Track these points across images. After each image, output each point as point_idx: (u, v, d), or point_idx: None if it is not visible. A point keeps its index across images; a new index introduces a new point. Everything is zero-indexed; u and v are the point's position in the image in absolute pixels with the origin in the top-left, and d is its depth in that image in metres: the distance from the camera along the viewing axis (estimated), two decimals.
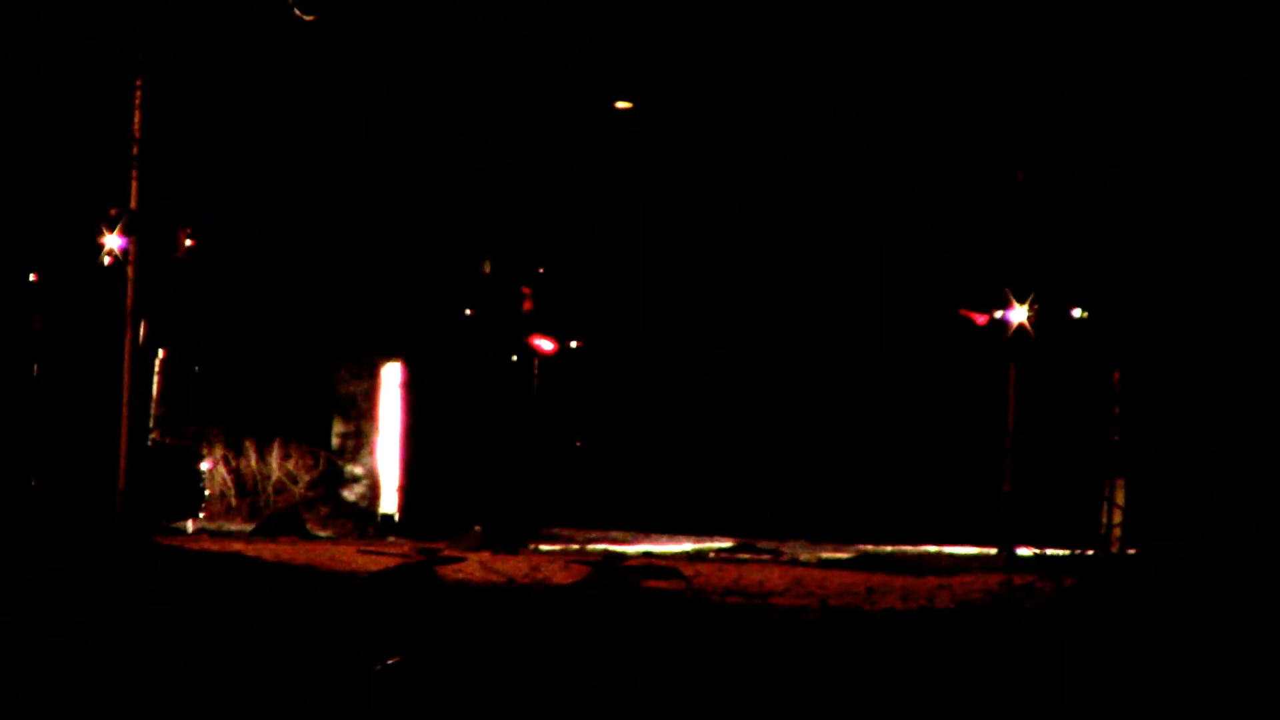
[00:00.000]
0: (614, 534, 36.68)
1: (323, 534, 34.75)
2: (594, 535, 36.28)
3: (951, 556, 33.16)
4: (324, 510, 36.62)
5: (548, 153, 37.24)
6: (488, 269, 36.82)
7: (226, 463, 36.79)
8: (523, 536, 33.17)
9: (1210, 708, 13.22)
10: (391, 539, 34.07)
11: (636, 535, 36.61)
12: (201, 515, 34.39)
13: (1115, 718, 13.08)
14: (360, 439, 37.04)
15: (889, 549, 34.50)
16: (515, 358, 36.93)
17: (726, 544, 34.32)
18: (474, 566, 24.12)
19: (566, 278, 38.16)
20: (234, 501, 36.83)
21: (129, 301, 29.84)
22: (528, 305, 36.92)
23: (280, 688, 13.14)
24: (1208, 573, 17.02)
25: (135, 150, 28.89)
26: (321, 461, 37.02)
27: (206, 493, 35.13)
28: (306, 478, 36.91)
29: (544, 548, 32.41)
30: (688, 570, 24.83)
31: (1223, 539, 18.61)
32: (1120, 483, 27.56)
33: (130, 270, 29.78)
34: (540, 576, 23.64)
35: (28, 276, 32.16)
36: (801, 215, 38.81)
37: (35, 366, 31.64)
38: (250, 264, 36.09)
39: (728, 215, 39.14)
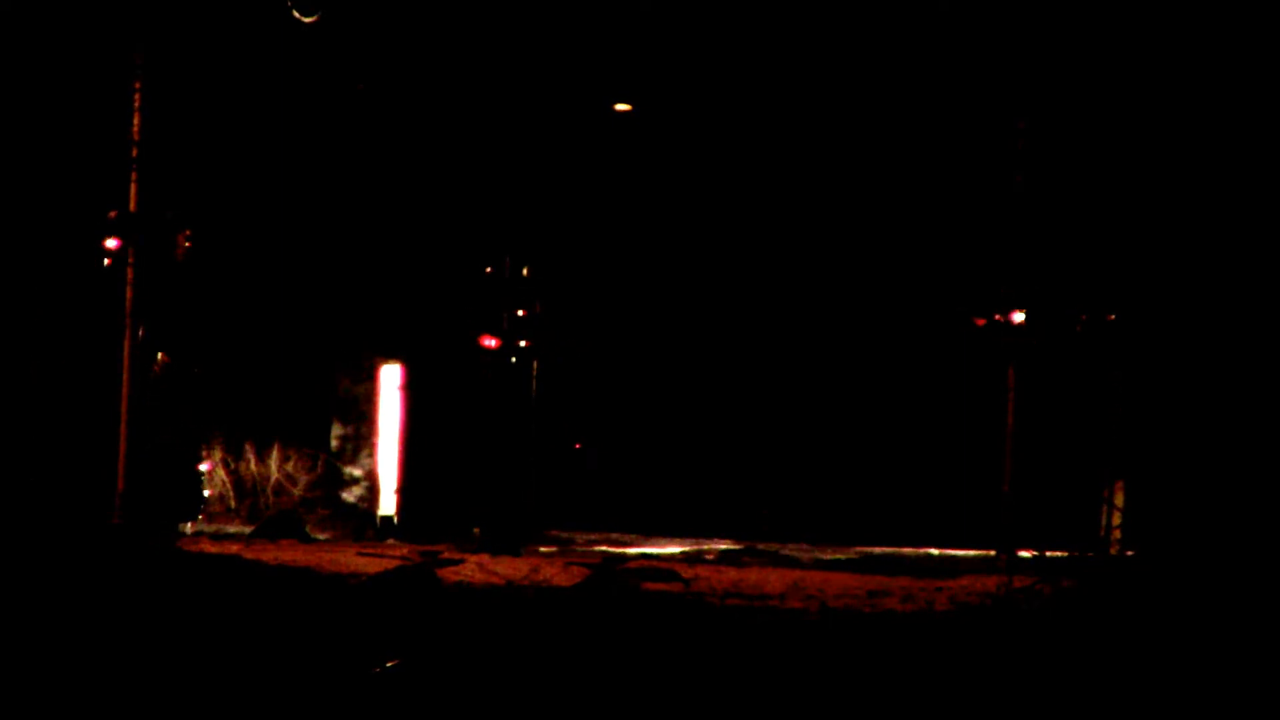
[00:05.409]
0: (613, 535, 36.66)
1: (322, 536, 34.70)
2: (594, 537, 36.25)
3: (951, 558, 33.15)
4: (323, 512, 36.56)
5: (548, 153, 37.23)
6: (488, 270, 36.80)
7: (225, 465, 36.75)
8: (522, 538, 33.14)
9: (1209, 707, 13.21)
10: (391, 541, 34.03)
11: (636, 537, 36.59)
12: (200, 517, 34.36)
13: (1115, 718, 13.07)
14: (359, 441, 36.99)
15: (889, 551, 34.50)
16: (515, 358, 36.91)
17: (726, 545, 34.30)
18: (473, 568, 24.13)
19: (567, 278, 38.14)
20: (233, 503, 36.79)
21: (128, 302, 29.83)
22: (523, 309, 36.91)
23: (281, 689, 13.13)
24: (1208, 573, 17.02)
25: (135, 151, 28.89)
26: (320, 463, 36.98)
27: (206, 494, 35.09)
28: (305, 480, 36.87)
29: (543, 549, 32.38)
30: (687, 572, 24.87)
31: (1222, 539, 18.60)
32: (1120, 484, 27.49)
33: (130, 271, 29.76)
34: (539, 578, 23.62)
35: (28, 276, 32.10)
36: (803, 217, 38.80)
37: (35, 366, 31.59)
38: (250, 264, 36.04)
39: (729, 217, 39.12)
